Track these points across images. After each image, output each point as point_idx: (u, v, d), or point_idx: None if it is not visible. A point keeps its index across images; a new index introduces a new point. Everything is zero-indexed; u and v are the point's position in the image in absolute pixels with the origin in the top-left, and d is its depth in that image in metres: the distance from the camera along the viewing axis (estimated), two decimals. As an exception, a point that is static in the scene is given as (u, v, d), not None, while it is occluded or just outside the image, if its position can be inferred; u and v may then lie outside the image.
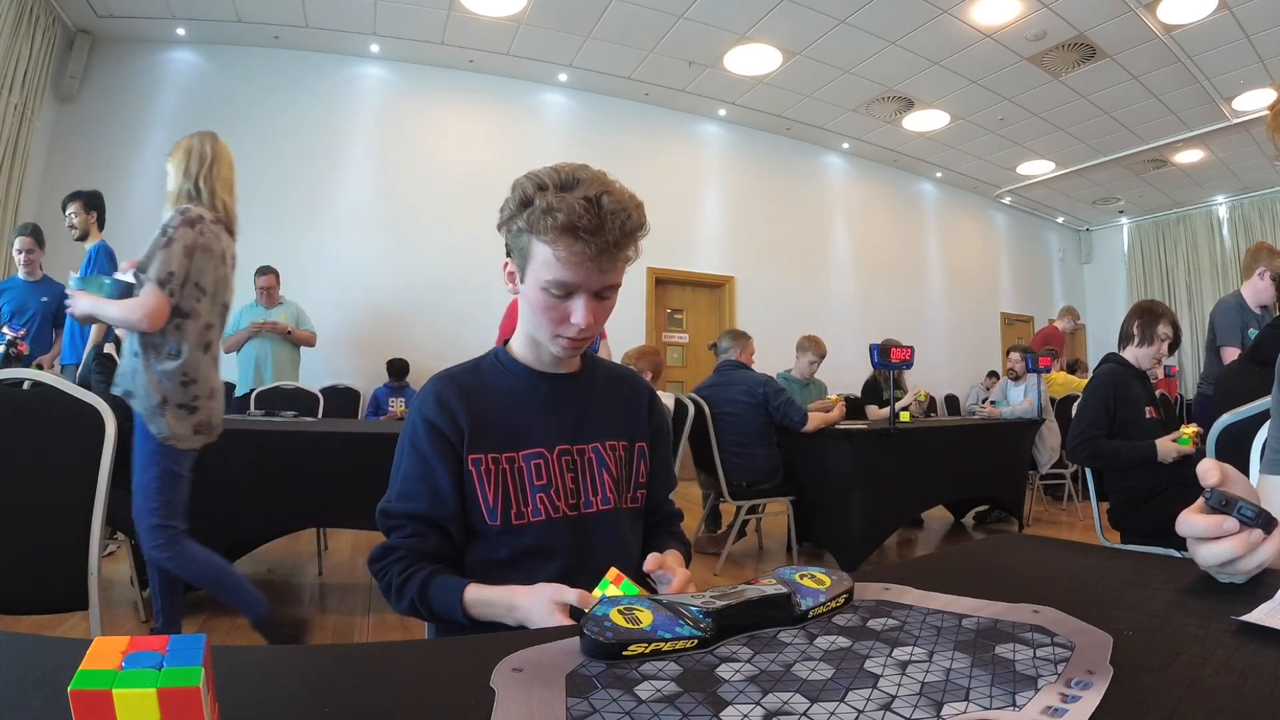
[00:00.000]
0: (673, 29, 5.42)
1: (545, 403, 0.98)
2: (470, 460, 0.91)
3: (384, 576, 0.90)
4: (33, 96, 4.50)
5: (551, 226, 0.83)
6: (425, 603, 0.85)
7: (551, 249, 0.85)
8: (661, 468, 1.08)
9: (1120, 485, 2.41)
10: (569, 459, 0.96)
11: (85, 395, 1.28)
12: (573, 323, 0.89)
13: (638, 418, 1.05)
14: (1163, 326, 2.51)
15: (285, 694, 0.43)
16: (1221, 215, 9.15)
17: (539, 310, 0.90)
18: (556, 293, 0.88)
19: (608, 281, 0.90)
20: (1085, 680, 0.42)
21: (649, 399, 1.09)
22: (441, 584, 0.86)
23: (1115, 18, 5.00)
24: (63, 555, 1.24)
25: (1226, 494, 0.61)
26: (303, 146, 5.59)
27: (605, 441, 1.00)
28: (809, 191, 7.90)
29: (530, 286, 0.90)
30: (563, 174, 0.87)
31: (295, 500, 2.58)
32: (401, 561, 0.90)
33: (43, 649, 0.48)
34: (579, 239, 0.83)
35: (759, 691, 0.42)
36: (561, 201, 0.84)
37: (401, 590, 0.87)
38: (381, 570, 0.91)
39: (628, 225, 0.87)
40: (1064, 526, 4.76)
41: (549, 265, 0.86)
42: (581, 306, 0.89)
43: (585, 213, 0.83)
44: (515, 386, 0.98)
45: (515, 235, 0.90)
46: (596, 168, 0.91)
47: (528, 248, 0.88)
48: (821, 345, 4.49)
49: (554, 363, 0.99)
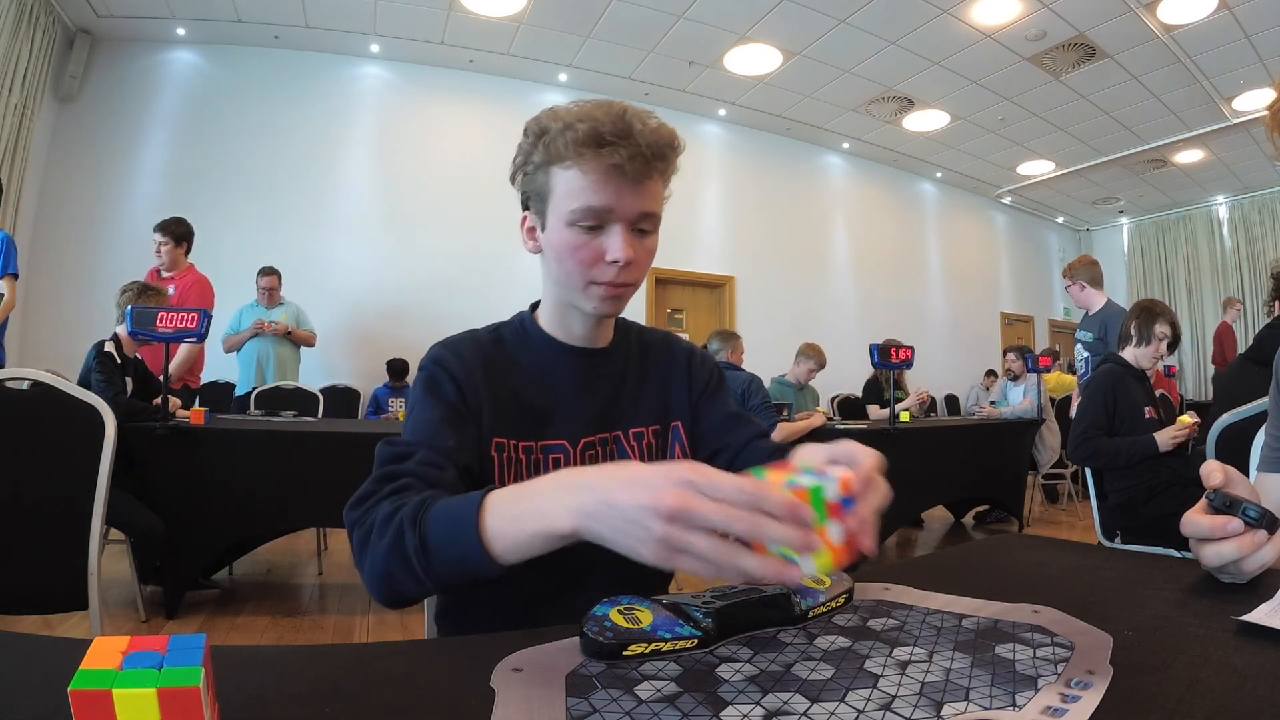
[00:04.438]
0: (673, 29, 5.42)
1: (573, 384, 0.85)
2: (495, 443, 0.79)
3: (367, 517, 0.62)
4: (33, 96, 4.49)
5: (573, 140, 0.73)
6: (418, 527, 0.57)
7: (576, 168, 0.74)
8: (724, 420, 0.92)
9: (1120, 485, 2.41)
10: (592, 454, 0.84)
11: (85, 395, 1.28)
12: (609, 260, 0.76)
13: (674, 390, 0.92)
14: (1160, 326, 2.51)
15: (285, 694, 0.42)
16: (1221, 215, 9.15)
17: (568, 254, 0.77)
18: (585, 224, 0.75)
19: (644, 207, 0.76)
20: (1085, 680, 0.42)
21: (687, 360, 0.95)
22: (450, 501, 0.59)
23: (1115, 18, 4.99)
24: (63, 555, 1.24)
25: (1230, 495, 0.61)
26: (303, 146, 5.59)
27: (631, 430, 0.88)
28: (809, 191, 7.90)
29: (554, 229, 0.78)
30: (581, 104, 0.77)
31: (295, 500, 2.59)
32: (400, 491, 0.64)
33: (43, 649, 0.48)
34: (605, 145, 0.72)
35: (759, 691, 0.42)
36: (583, 114, 0.74)
37: (385, 524, 0.59)
38: (369, 508, 0.63)
39: (662, 132, 0.76)
40: (1064, 526, 4.76)
41: (574, 191, 0.75)
42: (618, 238, 0.75)
43: (609, 119, 0.73)
44: (541, 362, 0.85)
45: (531, 176, 0.79)
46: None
47: (546, 183, 0.77)
48: (823, 356, 4.48)
49: (586, 334, 0.86)
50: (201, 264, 4.00)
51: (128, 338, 2.70)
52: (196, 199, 5.17)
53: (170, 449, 2.47)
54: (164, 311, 2.60)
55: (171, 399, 2.68)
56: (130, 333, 2.61)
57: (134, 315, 2.56)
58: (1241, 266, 8.84)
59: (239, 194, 5.29)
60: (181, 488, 2.47)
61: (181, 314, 2.60)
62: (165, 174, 5.15)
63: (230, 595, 2.86)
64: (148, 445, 2.44)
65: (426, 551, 0.56)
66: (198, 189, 5.19)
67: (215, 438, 2.58)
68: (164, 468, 2.47)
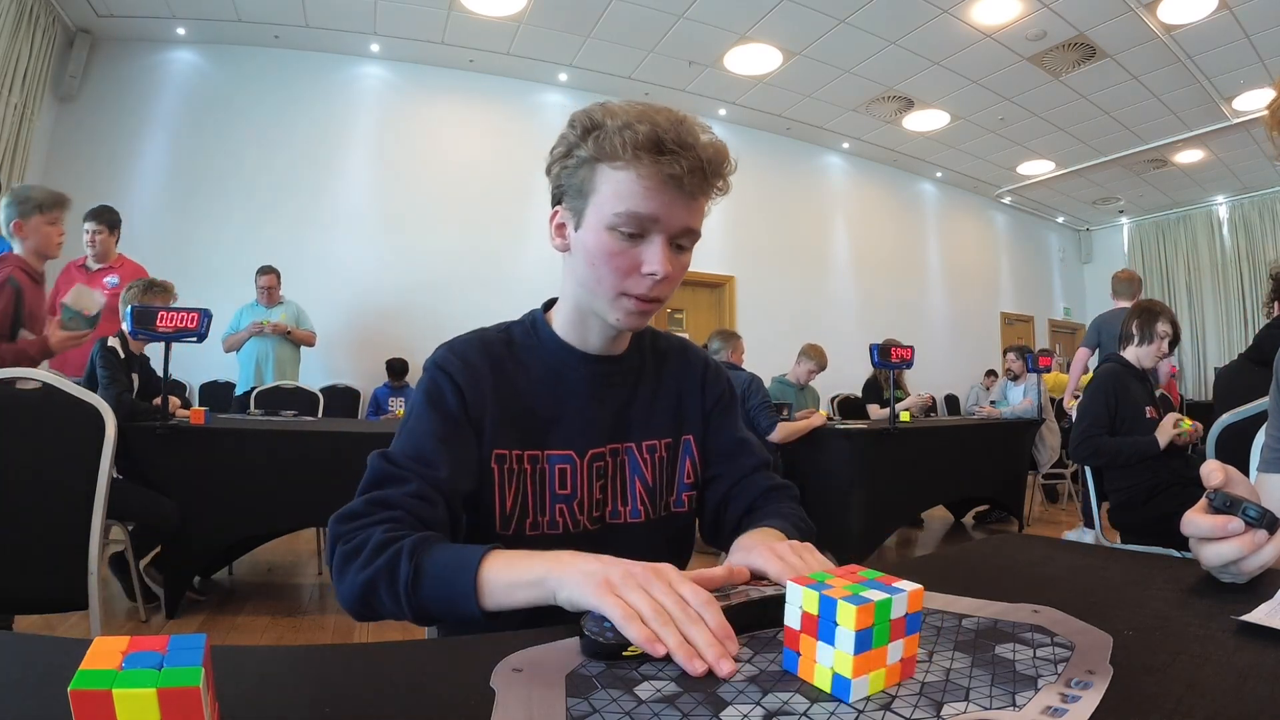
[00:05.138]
0: (673, 29, 5.42)
1: (583, 392, 0.82)
2: (495, 455, 0.77)
3: (357, 535, 0.64)
4: (33, 96, 4.49)
5: (630, 142, 0.69)
6: (415, 559, 0.61)
7: (630, 170, 0.70)
8: (728, 445, 0.90)
9: (1120, 485, 2.41)
10: (600, 465, 0.81)
11: (86, 395, 1.28)
12: (645, 272, 0.73)
13: (688, 401, 0.89)
14: (1161, 325, 2.51)
15: (285, 694, 0.42)
16: (1221, 215, 9.15)
17: (602, 259, 0.73)
18: (627, 230, 0.72)
19: (690, 222, 0.74)
20: (1085, 680, 0.42)
21: (703, 370, 0.92)
22: (448, 548, 0.63)
23: (1115, 18, 4.99)
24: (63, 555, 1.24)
25: (1231, 495, 0.61)
26: (303, 146, 5.59)
27: (644, 442, 0.85)
28: (809, 191, 7.90)
29: (591, 230, 0.74)
30: (634, 104, 0.74)
31: (295, 500, 2.59)
32: (394, 522, 0.66)
33: (43, 649, 0.48)
34: (666, 153, 0.69)
35: (759, 691, 0.42)
36: (641, 115, 0.71)
37: (380, 549, 0.62)
38: (359, 527, 0.65)
39: (720, 149, 0.73)
40: (1064, 526, 4.76)
41: (622, 195, 0.71)
42: (658, 250, 0.72)
43: (671, 126, 0.70)
44: (552, 368, 0.82)
45: (573, 171, 0.75)
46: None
47: (590, 180, 0.73)
48: (824, 357, 4.48)
49: (602, 342, 0.82)
50: (200, 263, 4.00)
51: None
52: (196, 199, 5.18)
53: (170, 448, 2.47)
54: (164, 310, 2.60)
55: (171, 399, 2.68)
56: (130, 332, 2.61)
57: (134, 314, 2.56)
58: (1241, 266, 8.84)
59: (239, 194, 5.29)
60: (181, 487, 2.47)
61: (182, 313, 2.60)
62: (165, 174, 5.15)
63: (230, 595, 2.86)
64: (148, 445, 2.44)
65: (418, 584, 0.60)
66: (198, 189, 5.19)
67: (215, 437, 2.58)
68: (164, 467, 2.47)
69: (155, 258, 4.92)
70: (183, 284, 3.39)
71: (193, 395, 4.80)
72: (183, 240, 5.06)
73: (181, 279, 3.88)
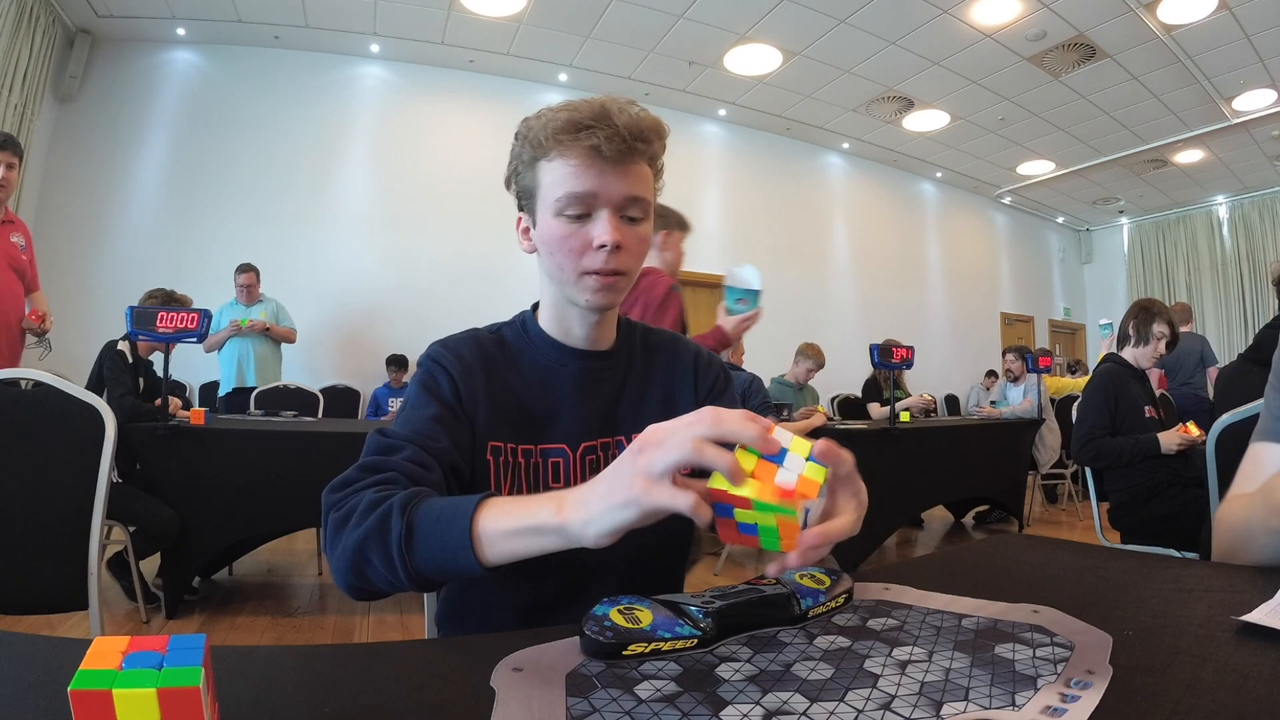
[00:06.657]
0: (673, 29, 5.42)
1: (573, 387, 0.84)
2: (490, 447, 0.78)
3: (348, 501, 0.63)
4: (33, 96, 4.49)
5: (553, 129, 0.74)
6: (408, 514, 0.57)
7: (559, 158, 0.75)
8: None
9: (1120, 485, 2.41)
10: (593, 458, 0.83)
11: (85, 395, 1.28)
12: (596, 245, 0.75)
13: (680, 392, 0.90)
14: (1158, 325, 2.52)
15: (285, 694, 0.43)
16: (1221, 215, 9.15)
17: (557, 244, 0.77)
18: (572, 212, 0.75)
19: (630, 190, 0.76)
20: (1085, 680, 0.42)
21: (694, 361, 0.93)
22: (442, 500, 0.60)
23: (1115, 18, 5.00)
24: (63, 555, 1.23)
25: None
26: (302, 146, 5.59)
27: (634, 434, 0.82)
28: (809, 191, 7.89)
29: (543, 222, 0.78)
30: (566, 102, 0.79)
31: (295, 500, 2.59)
32: (386, 484, 0.64)
33: (43, 649, 0.48)
34: (583, 129, 0.73)
35: (759, 691, 0.42)
36: (563, 107, 0.76)
37: (370, 509, 0.59)
38: (351, 493, 0.64)
39: (641, 117, 0.75)
40: (1064, 526, 4.76)
41: (558, 180, 0.75)
42: (604, 223, 0.75)
43: (588, 108, 0.74)
44: (541, 363, 0.84)
45: (521, 175, 0.80)
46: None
47: (533, 178, 0.78)
48: (821, 355, 4.50)
49: (586, 335, 0.85)
50: (199, 263, 4.00)
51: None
52: (196, 199, 5.18)
53: (171, 449, 2.47)
54: (163, 312, 2.60)
55: (172, 399, 2.68)
56: (130, 333, 2.61)
57: (134, 315, 2.56)
58: (1241, 266, 8.84)
59: (238, 193, 5.29)
60: (182, 488, 2.47)
61: (182, 314, 2.60)
62: (165, 174, 5.15)
63: (230, 595, 2.86)
64: (149, 445, 2.45)
65: (412, 539, 0.56)
66: (197, 189, 5.19)
67: (215, 438, 2.58)
68: (165, 467, 2.48)
69: (154, 257, 4.94)
70: (182, 284, 3.40)
71: (193, 396, 4.80)
72: (182, 240, 5.07)
73: (181, 279, 3.88)
